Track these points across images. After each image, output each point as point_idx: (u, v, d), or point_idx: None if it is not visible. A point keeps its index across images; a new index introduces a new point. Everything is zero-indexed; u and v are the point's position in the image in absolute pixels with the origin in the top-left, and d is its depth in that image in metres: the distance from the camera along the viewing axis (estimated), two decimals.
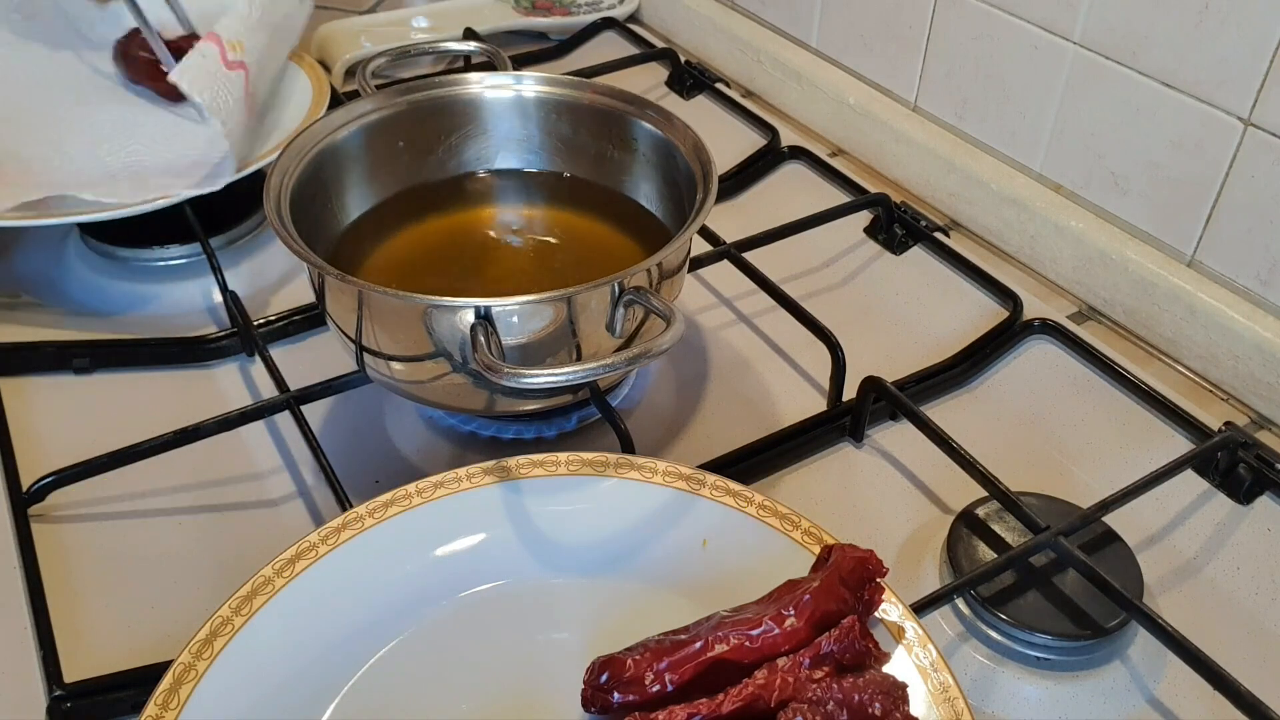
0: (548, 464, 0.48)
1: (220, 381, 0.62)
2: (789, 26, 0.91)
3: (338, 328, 0.53)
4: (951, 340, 0.64)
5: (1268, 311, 0.62)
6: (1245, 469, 0.54)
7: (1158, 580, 0.51)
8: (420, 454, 0.57)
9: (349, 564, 0.45)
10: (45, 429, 0.58)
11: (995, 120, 0.75)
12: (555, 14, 1.02)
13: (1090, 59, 0.66)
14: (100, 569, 0.51)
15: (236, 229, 0.71)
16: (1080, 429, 0.59)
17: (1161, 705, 0.46)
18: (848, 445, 0.59)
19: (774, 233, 0.68)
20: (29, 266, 0.69)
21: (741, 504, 0.47)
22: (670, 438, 0.59)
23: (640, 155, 0.61)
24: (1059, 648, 0.47)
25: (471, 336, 0.46)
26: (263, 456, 0.57)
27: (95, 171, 0.69)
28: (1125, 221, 0.68)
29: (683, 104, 0.90)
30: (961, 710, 0.39)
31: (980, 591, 0.48)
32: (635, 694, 0.39)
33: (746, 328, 0.67)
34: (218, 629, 0.41)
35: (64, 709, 0.43)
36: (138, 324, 0.65)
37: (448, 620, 0.45)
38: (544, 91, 0.62)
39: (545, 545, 0.47)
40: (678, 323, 0.45)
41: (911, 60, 0.80)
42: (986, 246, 0.76)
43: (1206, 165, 0.62)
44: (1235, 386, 0.63)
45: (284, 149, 0.56)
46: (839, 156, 0.86)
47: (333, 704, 0.42)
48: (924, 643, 0.41)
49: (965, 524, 0.52)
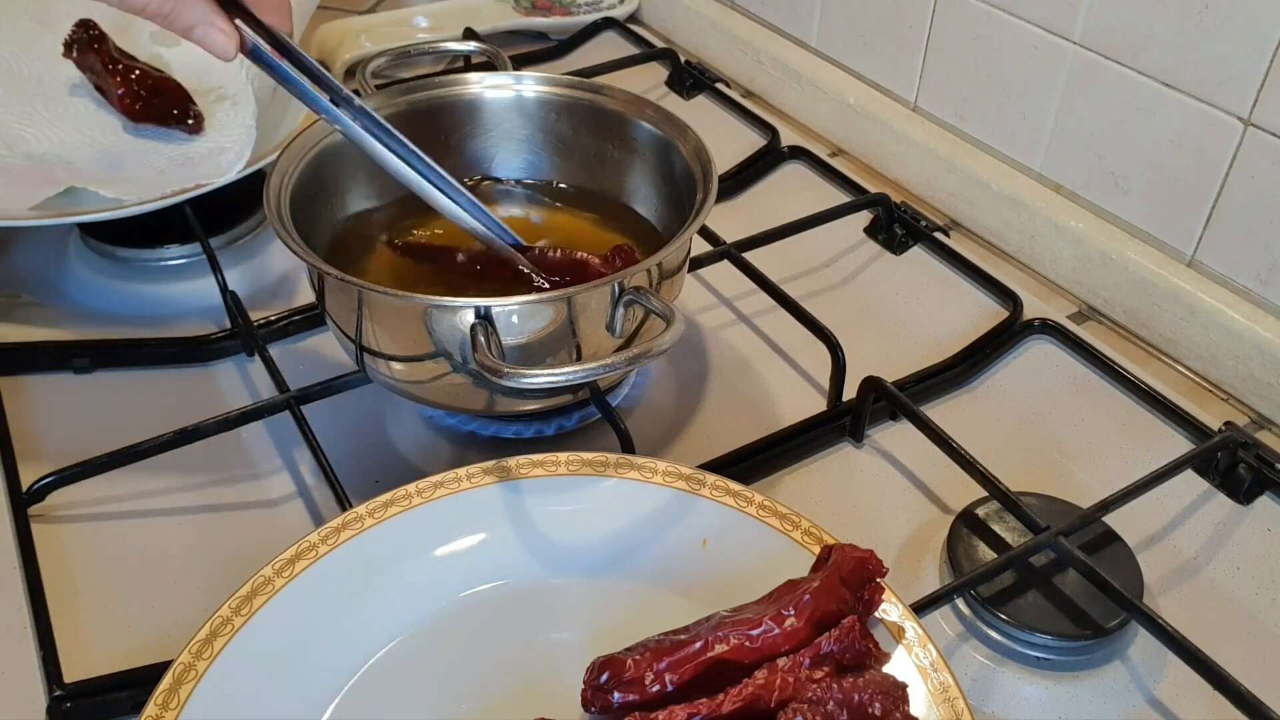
0: (548, 464, 0.48)
1: (220, 381, 0.62)
2: (789, 26, 0.91)
3: (338, 328, 0.53)
4: (951, 340, 0.64)
5: (1268, 311, 0.62)
6: (1245, 469, 0.54)
7: (1158, 580, 0.51)
8: (420, 454, 0.57)
9: (349, 564, 0.45)
10: (45, 429, 0.58)
11: (995, 120, 0.75)
12: (555, 14, 1.02)
13: (1090, 59, 0.66)
14: (100, 569, 0.51)
15: (236, 229, 0.71)
16: (1080, 429, 0.59)
17: (1161, 705, 0.46)
18: (848, 445, 0.59)
19: (774, 233, 0.68)
20: (29, 266, 0.69)
21: (741, 504, 0.47)
22: (670, 438, 0.59)
23: (640, 155, 0.61)
24: (1059, 648, 0.47)
25: (471, 336, 0.46)
26: (263, 456, 0.57)
27: (109, 168, 0.69)
28: (1125, 221, 0.68)
29: (683, 104, 0.90)
30: (961, 710, 0.39)
31: (980, 591, 0.48)
32: (635, 694, 0.39)
33: (746, 328, 0.67)
34: (218, 629, 0.41)
35: (64, 709, 0.43)
36: (138, 324, 0.65)
37: (448, 620, 0.45)
38: (544, 91, 0.62)
39: (545, 545, 0.47)
40: (678, 323, 0.45)
41: (911, 60, 0.80)
42: (986, 246, 0.76)
43: (1206, 165, 0.62)
44: (1235, 386, 0.63)
45: (284, 149, 0.56)
46: (839, 156, 0.86)
47: (333, 704, 0.42)
48: (924, 643, 0.41)
49: (965, 524, 0.52)
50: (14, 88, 0.74)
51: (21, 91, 0.74)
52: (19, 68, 0.76)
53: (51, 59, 0.75)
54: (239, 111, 0.72)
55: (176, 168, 0.68)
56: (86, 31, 0.71)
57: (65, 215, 0.63)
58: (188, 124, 0.71)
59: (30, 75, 0.76)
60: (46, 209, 0.64)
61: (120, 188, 0.64)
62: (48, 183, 0.65)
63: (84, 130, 0.72)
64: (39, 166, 0.68)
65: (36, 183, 0.65)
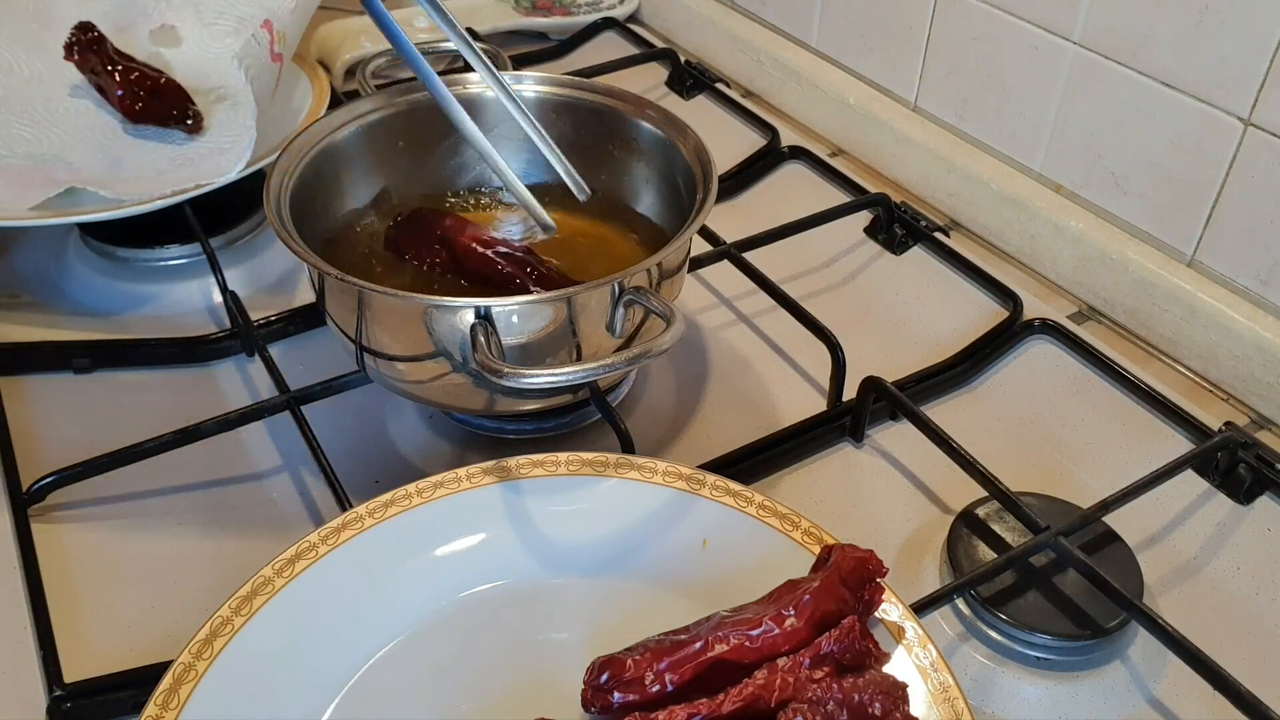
0: (548, 464, 0.48)
1: (220, 381, 0.62)
2: (789, 26, 0.91)
3: (338, 328, 0.53)
4: (951, 340, 0.64)
5: (1268, 311, 0.62)
6: (1245, 469, 0.54)
7: (1158, 580, 0.51)
8: (420, 454, 0.57)
9: (349, 564, 0.45)
10: (45, 429, 0.58)
11: (995, 120, 0.75)
12: (555, 14, 1.02)
13: (1090, 59, 0.66)
14: (100, 569, 0.51)
15: (236, 229, 0.71)
16: (1080, 429, 0.59)
17: (1161, 705, 0.46)
18: (848, 445, 0.59)
19: (774, 233, 0.68)
20: (29, 266, 0.69)
21: (741, 504, 0.47)
22: (670, 438, 0.59)
23: (640, 155, 0.61)
24: (1059, 648, 0.47)
25: (471, 336, 0.46)
26: (263, 456, 0.57)
27: (109, 168, 0.69)
28: (1125, 221, 0.68)
29: (683, 104, 0.90)
30: (961, 710, 0.39)
31: (980, 591, 0.48)
32: (635, 694, 0.39)
33: (746, 328, 0.67)
34: (218, 629, 0.41)
35: (64, 709, 0.43)
36: (138, 324, 0.65)
37: (448, 620, 0.45)
38: (544, 91, 0.62)
39: (545, 545, 0.47)
40: (678, 323, 0.45)
41: (911, 60, 0.80)
42: (986, 246, 0.76)
43: (1206, 165, 0.62)
44: (1235, 386, 0.63)
45: (284, 149, 0.56)
46: (839, 156, 0.86)
47: (333, 704, 0.42)
48: (924, 643, 0.41)
49: (965, 524, 0.52)
50: (14, 88, 0.74)
51: (22, 92, 0.74)
52: (19, 68, 0.76)
53: (53, 59, 0.75)
54: (239, 111, 0.72)
55: (176, 168, 0.68)
56: (85, 34, 0.72)
57: (65, 215, 0.63)
58: (187, 124, 0.71)
59: (31, 76, 0.76)
60: (46, 209, 0.64)
61: (120, 188, 0.64)
62: (48, 183, 0.65)
63: (84, 130, 0.72)
64: (39, 167, 0.68)
65: (36, 183, 0.65)
